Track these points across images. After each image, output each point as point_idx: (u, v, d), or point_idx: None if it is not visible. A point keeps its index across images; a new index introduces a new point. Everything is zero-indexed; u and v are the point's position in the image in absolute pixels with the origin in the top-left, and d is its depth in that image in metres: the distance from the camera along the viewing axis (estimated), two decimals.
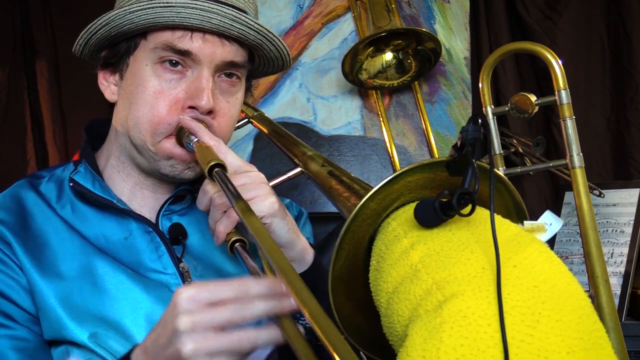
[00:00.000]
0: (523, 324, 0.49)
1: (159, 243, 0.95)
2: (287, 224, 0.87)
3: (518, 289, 0.51)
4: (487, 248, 0.56)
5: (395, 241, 0.63)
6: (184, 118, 0.90)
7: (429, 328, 0.51)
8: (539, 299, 0.51)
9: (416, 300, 0.56)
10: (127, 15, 0.87)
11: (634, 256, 1.52)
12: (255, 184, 0.86)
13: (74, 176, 0.96)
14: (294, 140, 1.13)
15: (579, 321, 0.50)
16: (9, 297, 0.85)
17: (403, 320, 0.57)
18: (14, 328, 0.84)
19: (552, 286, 0.53)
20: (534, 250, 0.56)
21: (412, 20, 1.88)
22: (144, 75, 0.91)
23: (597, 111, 1.93)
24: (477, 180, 0.57)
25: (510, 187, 0.69)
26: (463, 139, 0.59)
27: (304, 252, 0.91)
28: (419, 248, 0.60)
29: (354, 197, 0.81)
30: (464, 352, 0.48)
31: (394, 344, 0.61)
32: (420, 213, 0.62)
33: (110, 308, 0.87)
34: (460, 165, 0.61)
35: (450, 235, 0.60)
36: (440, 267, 0.56)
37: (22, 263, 0.87)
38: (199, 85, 0.90)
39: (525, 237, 0.59)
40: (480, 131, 0.59)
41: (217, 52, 0.90)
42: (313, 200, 1.81)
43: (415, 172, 0.65)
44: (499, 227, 0.59)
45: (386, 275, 0.62)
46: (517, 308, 0.50)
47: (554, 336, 0.48)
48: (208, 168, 0.81)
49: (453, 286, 0.53)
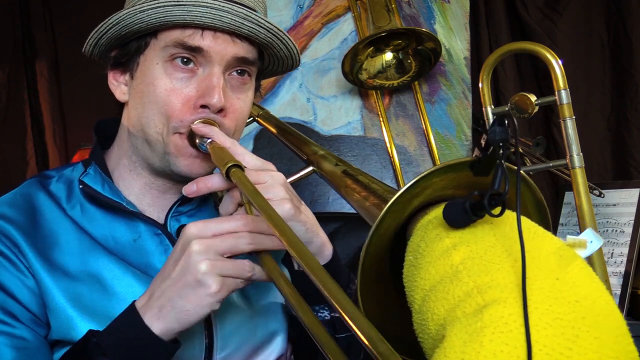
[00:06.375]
0: (563, 337, 0.49)
1: (167, 245, 0.95)
2: (303, 225, 0.87)
3: (560, 302, 0.52)
4: (530, 259, 0.56)
5: (436, 239, 0.63)
6: (196, 126, 0.90)
7: (469, 331, 0.52)
8: (579, 314, 0.51)
9: (454, 301, 0.56)
10: (137, 14, 0.87)
11: (634, 256, 1.52)
12: (275, 185, 0.86)
13: (83, 178, 0.96)
14: (303, 139, 1.12)
15: (616, 341, 0.51)
16: (14, 296, 0.84)
17: (438, 319, 0.57)
18: (15, 326, 0.83)
19: (592, 303, 0.53)
20: (576, 266, 0.56)
21: (412, 20, 1.88)
22: (154, 74, 0.90)
23: (597, 111, 1.94)
24: (508, 181, 0.58)
25: (532, 186, 0.69)
26: (490, 139, 0.59)
27: (323, 247, 0.92)
28: (461, 249, 0.60)
29: (372, 197, 0.81)
30: (503, 359, 0.48)
31: (424, 342, 0.61)
32: (450, 213, 0.62)
33: (119, 310, 0.86)
34: (485, 165, 0.62)
35: (494, 240, 0.60)
36: (482, 271, 0.56)
37: (31, 263, 0.86)
38: (210, 83, 0.89)
39: (568, 252, 0.59)
40: (508, 132, 0.59)
41: (228, 49, 0.90)
42: (313, 200, 1.81)
43: (440, 173, 0.66)
44: (543, 240, 0.60)
45: (424, 272, 0.62)
46: (558, 321, 0.50)
47: (592, 352, 0.48)
48: (225, 169, 0.81)
49: (495, 292, 0.54)
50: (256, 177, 0.85)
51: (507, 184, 0.57)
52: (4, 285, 0.85)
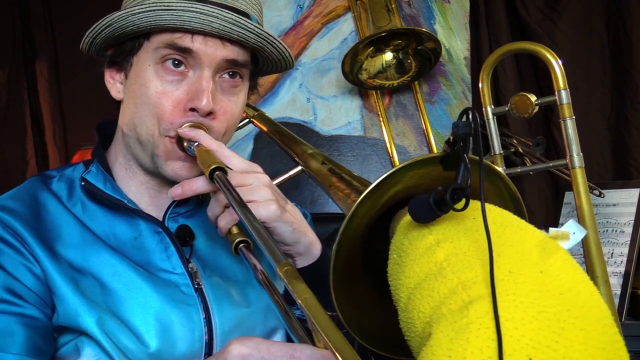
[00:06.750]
0: (549, 329, 0.49)
1: (168, 243, 0.96)
2: (290, 226, 0.88)
3: (544, 295, 0.52)
4: (513, 252, 0.56)
5: (419, 237, 0.63)
6: (182, 130, 0.91)
7: (455, 328, 0.51)
8: (564, 306, 0.51)
9: (440, 298, 0.56)
10: (129, 17, 0.88)
11: (634, 256, 1.52)
12: (260, 187, 0.86)
13: (85, 175, 0.97)
14: (294, 139, 1.13)
15: (602, 331, 0.51)
16: (20, 280, 0.85)
17: (424, 316, 0.57)
18: (23, 306, 0.84)
19: (576, 295, 0.53)
20: (559, 258, 0.56)
21: (412, 20, 1.88)
22: (146, 75, 0.92)
23: (597, 111, 1.93)
24: (470, 174, 0.58)
25: (504, 178, 0.69)
26: (454, 134, 0.60)
27: (311, 246, 0.92)
28: (444, 246, 0.60)
29: (354, 194, 0.82)
30: (490, 354, 0.48)
31: (411, 340, 0.61)
32: (415, 209, 0.62)
33: (120, 306, 0.88)
34: (453, 160, 0.62)
35: (477, 236, 0.60)
36: (466, 267, 0.57)
37: (35, 252, 0.87)
38: (199, 86, 0.90)
39: (551, 244, 0.59)
40: (470, 126, 0.59)
41: (218, 51, 0.91)
42: (313, 200, 1.81)
43: (410, 169, 0.66)
44: (525, 233, 0.60)
45: (408, 270, 0.62)
46: (544, 314, 0.50)
47: (578, 344, 0.48)
48: (209, 171, 0.81)
49: (480, 287, 0.54)
50: (241, 179, 0.86)
51: (469, 178, 0.57)
52: (10, 271, 0.86)
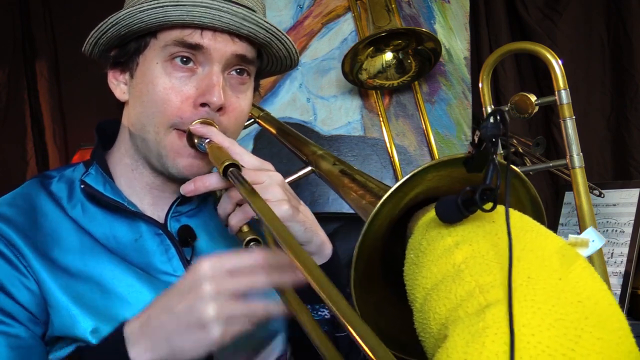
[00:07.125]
0: (565, 337, 0.49)
1: (168, 245, 0.95)
2: (302, 226, 0.88)
3: (562, 302, 0.51)
4: (533, 258, 0.56)
5: (438, 238, 0.63)
6: (194, 127, 0.90)
7: (471, 331, 0.51)
8: (582, 314, 0.51)
9: (456, 301, 0.56)
10: (137, 14, 0.87)
11: (634, 256, 1.52)
12: (272, 185, 0.86)
13: (85, 178, 0.96)
14: (302, 140, 1.13)
15: (619, 342, 0.51)
16: (12, 295, 0.84)
17: (439, 318, 0.57)
18: (12, 325, 0.84)
19: (594, 303, 0.52)
20: (579, 266, 0.56)
21: (412, 20, 1.88)
22: (154, 73, 0.91)
23: (597, 111, 1.94)
24: (499, 176, 0.57)
25: (526, 182, 0.69)
26: (483, 135, 0.59)
27: (323, 246, 0.93)
28: (463, 248, 0.60)
29: (368, 195, 0.81)
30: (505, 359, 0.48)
31: (425, 340, 0.60)
32: (442, 209, 0.62)
33: (120, 310, 0.86)
34: (478, 161, 0.61)
35: (496, 239, 0.59)
36: (485, 270, 0.56)
37: (31, 264, 0.86)
38: (210, 81, 0.90)
39: (570, 251, 0.58)
40: (499, 127, 0.58)
41: (227, 47, 0.91)
42: (313, 200, 1.81)
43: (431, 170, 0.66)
44: (545, 239, 0.59)
45: (426, 270, 0.62)
46: (561, 321, 0.50)
47: (595, 353, 0.48)
48: (223, 168, 0.81)
49: (498, 292, 0.53)
50: (254, 176, 0.86)
51: (498, 179, 0.57)
52: (2, 285, 0.84)
